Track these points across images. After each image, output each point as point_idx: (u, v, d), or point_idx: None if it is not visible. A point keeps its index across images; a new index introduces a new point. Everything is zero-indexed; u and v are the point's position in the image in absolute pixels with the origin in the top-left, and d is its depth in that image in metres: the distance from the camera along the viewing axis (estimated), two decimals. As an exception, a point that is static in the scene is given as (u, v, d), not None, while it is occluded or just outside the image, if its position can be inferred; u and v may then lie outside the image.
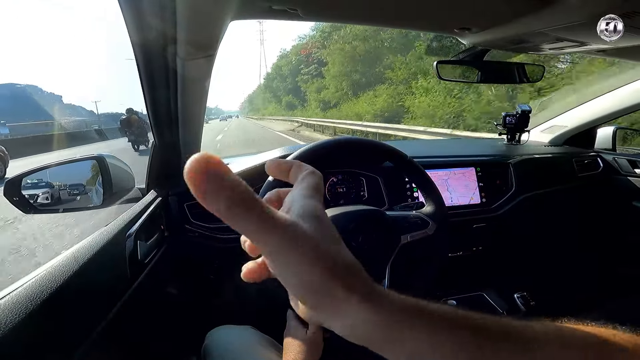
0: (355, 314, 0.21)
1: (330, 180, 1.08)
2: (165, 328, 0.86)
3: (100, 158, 0.78)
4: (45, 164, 0.76)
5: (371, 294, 0.21)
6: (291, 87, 38.73)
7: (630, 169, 1.34)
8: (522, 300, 1.12)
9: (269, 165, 0.29)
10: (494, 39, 0.77)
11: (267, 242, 0.20)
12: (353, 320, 0.21)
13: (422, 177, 0.78)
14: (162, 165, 0.91)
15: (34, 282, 0.44)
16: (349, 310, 0.21)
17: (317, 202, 0.24)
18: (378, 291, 0.22)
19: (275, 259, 0.21)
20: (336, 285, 0.20)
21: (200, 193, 0.18)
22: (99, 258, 0.56)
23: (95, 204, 0.79)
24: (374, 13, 0.69)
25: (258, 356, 0.67)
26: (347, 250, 0.23)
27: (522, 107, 1.40)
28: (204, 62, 0.67)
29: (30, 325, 0.40)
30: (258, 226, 0.19)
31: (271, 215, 0.20)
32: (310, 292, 0.21)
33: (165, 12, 0.51)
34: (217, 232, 0.94)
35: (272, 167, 0.29)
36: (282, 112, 40.25)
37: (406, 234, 0.71)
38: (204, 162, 0.18)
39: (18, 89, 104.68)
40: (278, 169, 0.28)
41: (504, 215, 1.15)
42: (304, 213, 0.22)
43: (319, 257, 0.20)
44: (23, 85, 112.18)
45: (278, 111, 43.81)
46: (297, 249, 0.20)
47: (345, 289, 0.20)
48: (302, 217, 0.22)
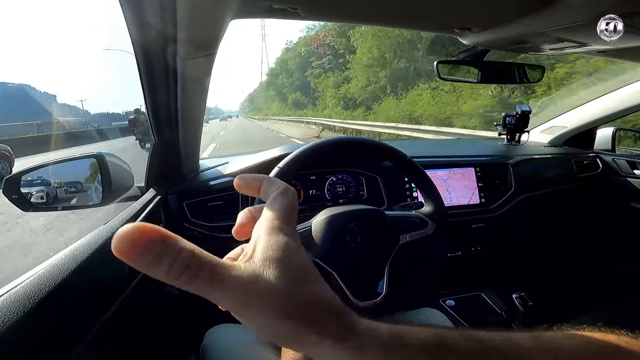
0: (329, 355, 0.21)
1: (329, 179, 1.08)
2: (163, 327, 0.86)
3: (100, 156, 0.78)
4: (44, 162, 0.76)
5: (346, 334, 0.21)
6: (299, 84, 34.71)
7: (630, 170, 1.34)
8: (521, 301, 1.12)
9: (237, 182, 0.27)
10: (494, 39, 0.77)
11: (224, 302, 0.19)
12: (328, 358, 0.21)
13: (421, 177, 0.79)
14: (161, 164, 0.90)
15: (32, 280, 0.44)
16: (323, 352, 0.21)
17: (286, 238, 0.22)
18: (354, 330, 0.21)
19: (238, 316, 0.20)
20: (307, 332, 0.20)
21: (140, 267, 0.17)
22: (98, 256, 0.55)
23: (95, 202, 0.79)
24: (375, 12, 0.69)
25: (257, 355, 0.67)
26: (320, 286, 0.22)
27: (522, 108, 1.40)
28: (204, 61, 0.67)
29: (28, 323, 0.40)
30: (210, 289, 0.19)
31: (225, 274, 0.19)
32: (281, 340, 0.21)
33: (165, 11, 0.51)
34: (216, 231, 0.94)
35: (240, 185, 0.27)
36: (287, 112, 36.57)
37: (405, 234, 0.71)
38: (134, 235, 0.17)
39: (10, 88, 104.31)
40: (247, 186, 0.27)
41: (503, 216, 1.15)
42: (268, 257, 0.21)
43: (286, 308, 0.20)
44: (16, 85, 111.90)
45: (283, 110, 39.62)
46: (258, 304, 0.19)
47: (317, 335, 0.20)
48: (265, 263, 0.20)
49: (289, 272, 0.20)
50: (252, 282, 0.19)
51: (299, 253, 0.22)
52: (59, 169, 0.79)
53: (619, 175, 1.37)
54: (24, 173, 0.74)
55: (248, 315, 0.20)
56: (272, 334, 0.20)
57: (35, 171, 0.76)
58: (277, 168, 0.69)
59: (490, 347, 0.23)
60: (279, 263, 0.20)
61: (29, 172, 0.75)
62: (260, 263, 0.20)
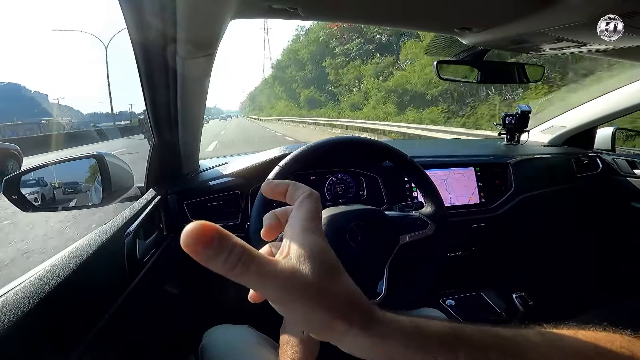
0: (355, 341, 0.23)
1: (329, 179, 1.08)
2: (163, 327, 0.86)
3: (100, 156, 0.78)
4: (44, 162, 0.76)
5: (369, 323, 0.23)
6: (313, 77, 28.85)
7: (630, 169, 1.34)
8: (521, 300, 1.13)
9: (264, 187, 0.30)
10: (494, 39, 0.77)
11: (268, 293, 0.22)
12: (354, 346, 0.24)
13: (422, 177, 0.79)
14: (161, 164, 0.90)
15: (32, 281, 0.44)
16: (350, 339, 0.23)
17: (316, 237, 0.25)
18: (376, 319, 0.24)
19: (279, 305, 0.23)
20: (337, 321, 0.23)
21: (202, 260, 0.20)
22: (98, 256, 0.55)
23: (95, 203, 0.79)
24: (374, 12, 0.69)
25: (255, 355, 0.67)
26: (347, 280, 0.25)
27: (522, 107, 1.40)
28: (203, 61, 0.67)
29: (28, 323, 0.40)
30: (258, 281, 0.21)
31: (269, 268, 0.22)
32: (314, 328, 0.23)
33: (165, 11, 0.51)
34: None
35: (268, 190, 0.30)
36: (296, 111, 30.94)
37: (405, 234, 0.71)
38: (199, 233, 0.20)
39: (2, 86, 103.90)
40: (274, 191, 0.29)
41: (503, 215, 1.15)
42: (303, 255, 0.23)
43: (320, 299, 0.22)
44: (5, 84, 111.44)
45: (291, 109, 33.16)
46: (298, 296, 0.22)
47: (346, 324, 0.23)
48: (300, 260, 0.23)
49: (321, 267, 0.23)
50: (292, 276, 0.22)
51: (328, 250, 0.25)
52: (59, 169, 0.79)
53: (618, 175, 1.37)
54: (24, 173, 0.74)
55: (286, 306, 0.23)
56: (306, 322, 0.23)
57: (35, 172, 0.76)
58: (278, 167, 0.69)
59: (503, 341, 0.25)
60: (312, 260, 0.23)
61: (29, 173, 0.75)
62: (297, 260, 0.23)
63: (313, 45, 27.31)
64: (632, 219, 1.35)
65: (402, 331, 0.24)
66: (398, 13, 0.69)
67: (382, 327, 0.24)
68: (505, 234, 1.20)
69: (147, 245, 0.75)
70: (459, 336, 0.24)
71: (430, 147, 1.69)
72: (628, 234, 1.41)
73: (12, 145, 8.08)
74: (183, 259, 0.95)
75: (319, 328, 0.23)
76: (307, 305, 0.22)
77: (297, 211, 0.27)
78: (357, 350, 0.24)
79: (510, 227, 1.19)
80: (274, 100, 44.92)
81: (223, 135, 17.21)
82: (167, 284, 0.90)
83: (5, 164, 7.32)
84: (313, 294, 0.22)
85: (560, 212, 1.32)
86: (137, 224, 0.69)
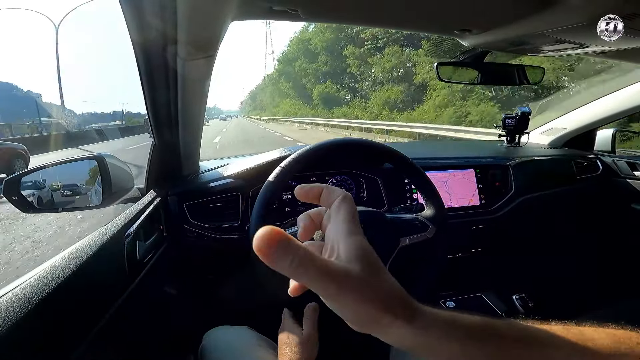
0: (399, 333, 0.26)
1: (329, 181, 1.08)
2: (163, 328, 0.86)
3: (100, 158, 0.78)
4: (44, 164, 0.76)
5: (413, 316, 0.26)
6: (328, 71, 24.34)
7: (630, 171, 1.34)
8: (521, 302, 1.12)
9: (298, 190, 0.32)
10: (494, 40, 0.77)
11: (325, 290, 0.24)
12: (398, 337, 0.26)
13: (422, 179, 0.78)
14: (161, 165, 0.90)
15: (32, 281, 0.44)
16: (395, 331, 0.26)
17: (360, 238, 0.28)
18: (419, 312, 0.26)
19: (332, 301, 0.25)
20: (383, 315, 0.25)
21: (271, 262, 0.23)
22: (98, 257, 0.55)
23: (95, 204, 0.79)
24: (374, 14, 0.69)
25: (255, 356, 0.67)
26: (389, 277, 0.27)
27: (522, 109, 1.40)
28: (204, 62, 0.67)
29: (28, 324, 0.40)
30: (316, 279, 0.24)
31: (325, 269, 0.24)
32: (362, 322, 0.26)
33: (165, 12, 0.51)
34: (216, 232, 0.94)
35: (301, 193, 0.32)
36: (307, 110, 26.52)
37: (405, 237, 0.71)
38: (269, 238, 0.22)
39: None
40: (309, 194, 0.32)
41: (503, 217, 1.15)
42: (351, 256, 0.26)
43: (368, 295, 0.25)
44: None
45: (301, 109, 28.47)
46: (349, 293, 0.25)
47: (391, 316, 0.25)
48: (350, 261, 0.26)
49: (368, 267, 0.26)
50: (345, 275, 0.25)
51: (371, 250, 0.27)
52: (59, 170, 0.79)
53: (618, 177, 1.37)
54: (24, 175, 0.74)
55: (338, 301, 0.25)
56: (354, 316, 0.26)
57: (36, 173, 0.76)
58: (279, 168, 0.69)
59: (529, 334, 0.28)
60: (360, 260, 0.26)
61: (29, 174, 0.75)
62: (346, 260, 0.26)
63: (329, 31, 22.56)
64: (632, 220, 1.35)
65: (441, 322, 0.27)
66: (398, 15, 0.69)
67: (424, 319, 0.26)
68: (506, 235, 1.20)
69: (147, 247, 0.75)
70: (486, 328, 0.27)
71: (431, 149, 1.69)
72: (628, 236, 1.40)
73: (19, 145, 8.15)
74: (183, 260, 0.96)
75: (366, 321, 0.26)
76: (357, 300, 0.25)
77: (336, 214, 0.29)
78: (401, 341, 0.26)
79: (511, 229, 1.19)
80: (279, 99, 39.04)
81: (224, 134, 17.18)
82: (167, 285, 0.90)
83: (12, 163, 7.39)
84: (362, 291, 0.25)
85: (560, 213, 1.32)
86: (138, 225, 0.69)
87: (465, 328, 0.27)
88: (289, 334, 0.62)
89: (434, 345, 0.26)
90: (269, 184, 0.68)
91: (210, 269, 1.04)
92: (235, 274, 1.00)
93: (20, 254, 2.82)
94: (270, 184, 0.68)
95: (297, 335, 0.60)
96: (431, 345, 0.26)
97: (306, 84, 28.29)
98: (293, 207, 1.04)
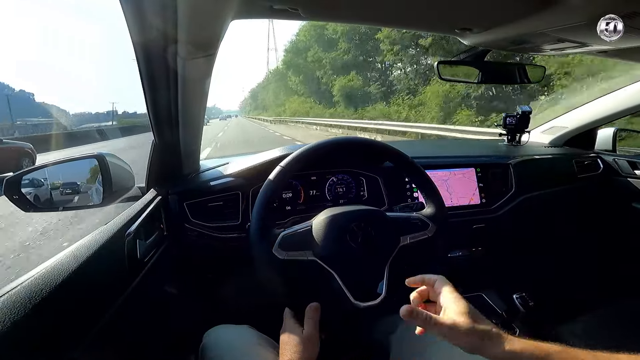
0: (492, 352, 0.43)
1: (330, 180, 1.08)
2: (163, 327, 0.86)
3: (100, 157, 0.78)
4: (45, 163, 0.76)
5: (501, 343, 0.43)
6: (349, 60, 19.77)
7: (631, 170, 1.34)
8: (521, 301, 1.12)
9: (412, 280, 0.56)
10: (495, 39, 0.77)
11: (442, 335, 0.46)
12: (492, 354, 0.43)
13: (422, 178, 0.78)
14: (162, 164, 0.91)
15: (33, 280, 0.44)
16: (489, 351, 0.43)
17: (463, 301, 0.48)
18: (504, 338, 0.44)
19: (450, 339, 0.45)
20: (480, 344, 0.44)
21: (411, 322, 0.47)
22: (99, 256, 0.56)
23: (95, 203, 0.79)
24: (375, 13, 0.69)
25: (256, 356, 0.67)
26: (484, 319, 0.47)
27: (523, 108, 1.40)
28: (204, 61, 0.67)
29: (29, 323, 0.40)
30: (439, 330, 0.46)
31: (443, 325, 0.45)
32: (471, 348, 0.44)
33: (166, 11, 0.51)
34: (217, 232, 0.94)
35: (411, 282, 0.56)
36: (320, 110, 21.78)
37: (406, 235, 0.71)
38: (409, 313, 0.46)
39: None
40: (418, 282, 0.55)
41: (504, 216, 1.15)
42: (458, 313, 0.46)
43: (470, 335, 0.44)
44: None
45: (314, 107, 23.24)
46: (463, 335, 0.44)
47: (487, 342, 0.44)
48: (458, 316, 0.46)
49: (470, 318, 0.45)
50: (455, 326, 0.45)
51: (471, 307, 0.47)
52: (60, 169, 0.79)
53: (619, 176, 1.37)
54: (24, 174, 0.74)
55: (455, 340, 0.45)
56: (466, 346, 0.44)
57: (36, 172, 0.76)
58: (279, 167, 0.69)
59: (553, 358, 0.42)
60: (464, 315, 0.46)
61: (30, 173, 0.75)
62: (457, 315, 0.46)
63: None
64: (633, 219, 1.34)
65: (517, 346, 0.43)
66: (399, 13, 0.69)
67: (508, 342, 0.43)
68: (506, 234, 1.20)
69: (147, 246, 0.75)
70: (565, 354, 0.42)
71: (431, 147, 1.68)
72: (629, 235, 1.40)
73: (26, 144, 8.19)
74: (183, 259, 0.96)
75: (474, 348, 0.44)
76: (464, 339, 0.44)
77: (444, 287, 0.51)
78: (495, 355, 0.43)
79: (511, 228, 1.19)
80: (284, 97, 33.34)
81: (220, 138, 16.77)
82: (167, 284, 0.90)
83: (20, 161, 7.44)
84: (467, 334, 0.44)
85: (560, 212, 1.32)
86: (138, 224, 0.69)
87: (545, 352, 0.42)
88: (290, 334, 0.62)
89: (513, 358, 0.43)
90: (269, 183, 0.68)
91: (210, 268, 1.04)
92: (236, 273, 1.00)
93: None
94: (271, 183, 0.68)
95: (299, 335, 0.60)
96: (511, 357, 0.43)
97: (321, 77, 23.19)
98: (293, 206, 1.04)
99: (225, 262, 1.01)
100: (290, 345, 0.59)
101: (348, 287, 0.63)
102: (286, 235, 0.66)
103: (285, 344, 0.60)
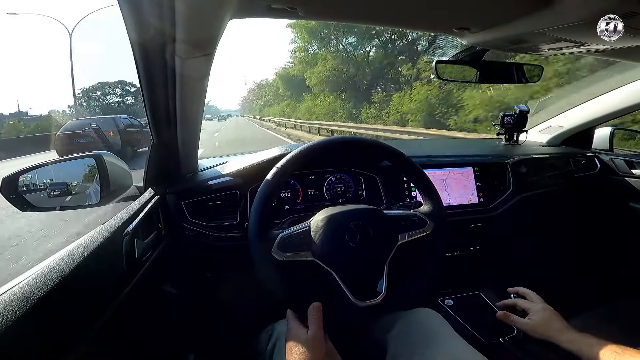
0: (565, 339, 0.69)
1: (328, 179, 1.08)
2: (162, 326, 0.86)
3: (98, 156, 0.78)
4: (42, 162, 0.76)
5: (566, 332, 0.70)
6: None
7: (627, 169, 1.34)
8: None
9: (503, 303, 0.91)
10: (492, 39, 0.77)
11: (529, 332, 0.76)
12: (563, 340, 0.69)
13: (420, 176, 0.79)
14: (160, 164, 0.90)
15: (31, 280, 0.44)
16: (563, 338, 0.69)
17: (545, 310, 0.77)
18: (570, 330, 0.70)
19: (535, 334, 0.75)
20: (558, 333, 0.71)
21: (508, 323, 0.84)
22: (97, 256, 0.55)
23: (93, 202, 0.79)
24: (373, 12, 0.69)
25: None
26: (560, 319, 0.75)
27: (520, 107, 1.40)
28: (202, 60, 0.67)
29: (27, 323, 0.39)
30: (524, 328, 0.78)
31: (529, 325, 0.77)
32: (550, 337, 0.72)
33: (164, 10, 0.51)
34: (215, 231, 0.94)
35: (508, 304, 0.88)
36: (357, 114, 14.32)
37: (404, 233, 0.71)
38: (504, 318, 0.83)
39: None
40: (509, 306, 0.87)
41: (502, 215, 1.16)
42: (543, 317, 0.76)
43: (552, 329, 0.73)
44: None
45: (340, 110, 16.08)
46: (544, 331, 0.74)
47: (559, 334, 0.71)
48: (540, 320, 0.75)
49: (549, 319, 0.75)
50: (537, 327, 0.75)
51: (549, 310, 0.77)
52: (57, 168, 0.79)
53: (616, 175, 1.37)
54: (21, 173, 0.73)
55: (538, 334, 0.74)
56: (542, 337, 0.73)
57: (33, 171, 0.76)
58: (276, 168, 0.69)
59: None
60: (545, 320, 0.76)
61: (27, 172, 0.75)
62: (540, 320, 0.76)
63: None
64: (630, 218, 1.35)
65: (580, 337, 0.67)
66: (397, 13, 0.69)
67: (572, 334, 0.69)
68: (504, 233, 1.20)
69: (145, 245, 0.75)
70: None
71: (429, 147, 1.69)
72: (626, 234, 1.41)
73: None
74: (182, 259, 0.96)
75: (552, 338, 0.71)
76: (549, 333, 0.72)
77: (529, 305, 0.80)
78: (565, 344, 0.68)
79: (509, 227, 1.19)
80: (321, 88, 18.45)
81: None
82: (165, 283, 0.90)
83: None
84: (550, 329, 0.73)
85: (558, 211, 1.32)
86: (136, 223, 0.69)
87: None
88: (294, 335, 0.61)
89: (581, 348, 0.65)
90: (267, 182, 0.68)
91: (209, 267, 1.04)
92: (234, 272, 1.00)
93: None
94: (269, 182, 0.68)
95: (304, 336, 0.60)
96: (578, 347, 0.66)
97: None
98: (291, 205, 1.04)
99: (224, 262, 1.01)
100: (297, 346, 0.59)
101: (348, 287, 0.63)
102: (284, 237, 0.66)
103: (292, 346, 0.60)
